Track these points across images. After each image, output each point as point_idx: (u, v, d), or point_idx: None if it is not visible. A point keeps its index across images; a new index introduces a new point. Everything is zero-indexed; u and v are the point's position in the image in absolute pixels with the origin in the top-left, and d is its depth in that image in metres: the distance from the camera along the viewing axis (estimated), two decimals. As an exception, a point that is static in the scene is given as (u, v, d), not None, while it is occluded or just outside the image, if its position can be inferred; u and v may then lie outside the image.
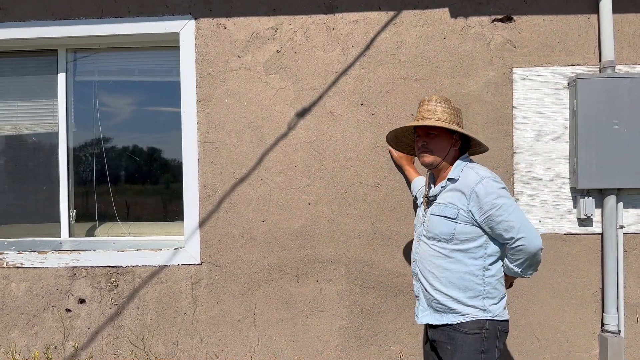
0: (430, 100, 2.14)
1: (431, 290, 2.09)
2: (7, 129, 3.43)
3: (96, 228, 3.45)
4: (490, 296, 2.03)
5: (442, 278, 2.05)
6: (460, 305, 2.02)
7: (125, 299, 3.11)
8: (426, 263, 2.12)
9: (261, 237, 3.08)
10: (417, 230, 2.23)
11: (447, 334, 2.05)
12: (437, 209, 2.09)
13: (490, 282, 2.03)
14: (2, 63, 3.41)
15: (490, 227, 1.99)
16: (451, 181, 2.07)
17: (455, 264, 2.03)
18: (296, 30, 3.06)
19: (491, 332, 2.00)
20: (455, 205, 2.01)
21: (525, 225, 1.96)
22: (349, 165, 3.05)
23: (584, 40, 2.97)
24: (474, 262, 2.02)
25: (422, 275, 2.14)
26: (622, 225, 2.92)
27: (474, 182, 1.98)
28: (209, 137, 3.09)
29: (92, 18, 3.12)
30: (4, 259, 3.13)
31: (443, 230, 2.03)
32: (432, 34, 3.02)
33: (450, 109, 2.11)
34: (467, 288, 2.02)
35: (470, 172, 2.03)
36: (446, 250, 2.04)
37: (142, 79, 3.41)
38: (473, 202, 1.98)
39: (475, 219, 1.99)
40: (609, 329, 2.91)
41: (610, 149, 2.84)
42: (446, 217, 2.03)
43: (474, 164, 2.11)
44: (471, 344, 1.98)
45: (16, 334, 3.14)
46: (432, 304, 2.11)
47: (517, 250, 1.98)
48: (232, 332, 3.10)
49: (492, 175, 2.01)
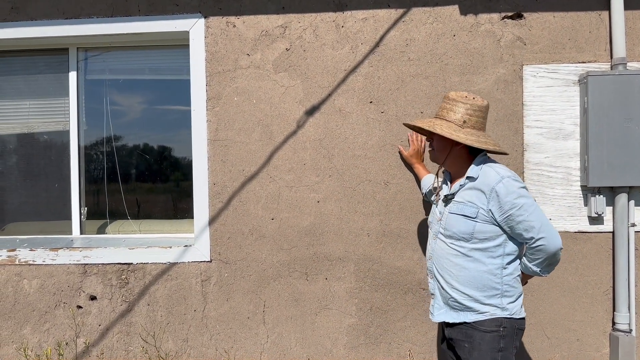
0: (449, 97, 2.13)
1: (448, 289, 2.09)
2: (19, 127, 3.47)
3: (107, 225, 3.48)
4: (508, 294, 2.03)
5: (460, 277, 2.05)
6: (478, 304, 2.02)
7: (135, 296, 3.14)
8: (443, 261, 2.11)
9: (270, 234, 3.09)
10: (433, 228, 2.22)
11: (465, 332, 2.05)
12: (455, 207, 2.07)
13: (508, 280, 2.03)
14: (14, 62, 3.44)
15: (509, 227, 1.98)
16: (470, 179, 2.06)
17: (474, 263, 2.03)
18: (305, 28, 3.07)
19: (508, 330, 2.00)
20: (475, 204, 2.00)
21: (545, 225, 1.96)
22: (358, 163, 3.05)
23: (595, 37, 2.95)
24: (492, 261, 2.02)
25: (439, 273, 2.14)
26: (634, 223, 2.89)
27: (494, 181, 1.97)
28: (218, 135, 3.10)
29: (102, 17, 3.14)
30: (16, 256, 3.17)
31: (462, 229, 2.03)
32: (441, 31, 3.01)
33: (466, 107, 2.08)
34: (485, 287, 2.01)
35: (490, 170, 2.01)
36: (465, 249, 2.04)
37: (153, 77, 3.43)
38: (493, 202, 1.97)
39: (494, 218, 1.98)
40: (620, 328, 2.89)
41: (622, 146, 2.82)
42: (465, 216, 2.02)
43: (494, 162, 2.10)
44: (489, 342, 1.98)
45: (28, 331, 3.17)
46: (449, 302, 2.10)
47: (537, 250, 1.98)
48: (242, 329, 3.11)
49: (513, 175, 2.00)
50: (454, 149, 2.11)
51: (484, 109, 2.11)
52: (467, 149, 2.12)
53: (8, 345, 3.18)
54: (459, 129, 2.06)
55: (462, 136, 2.03)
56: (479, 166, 2.06)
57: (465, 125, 2.07)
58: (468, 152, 2.12)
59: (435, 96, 3.00)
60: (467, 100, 2.08)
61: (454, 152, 2.12)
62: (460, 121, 2.07)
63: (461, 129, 2.06)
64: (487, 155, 2.17)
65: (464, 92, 2.12)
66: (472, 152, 2.12)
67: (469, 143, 2.01)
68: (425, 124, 2.12)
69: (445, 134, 2.03)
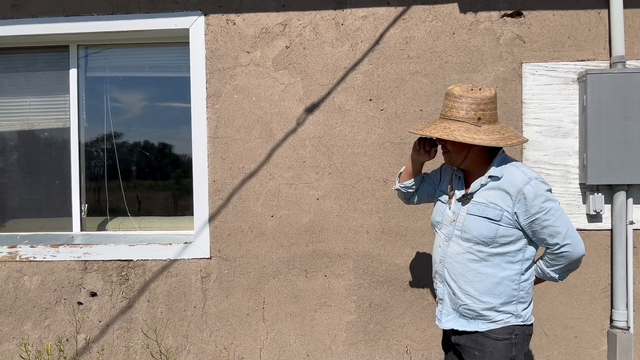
0: (454, 95, 1.92)
1: (461, 295, 1.95)
2: (20, 124, 3.48)
3: (107, 222, 3.49)
4: (523, 301, 1.93)
5: (476, 283, 1.91)
6: (493, 312, 1.91)
7: (136, 292, 3.15)
8: (458, 266, 1.96)
9: (270, 231, 3.10)
10: (445, 229, 2.03)
11: (475, 339, 1.94)
12: (476, 208, 1.91)
13: (524, 286, 1.93)
14: (15, 59, 3.45)
15: (533, 231, 1.87)
16: (493, 179, 1.90)
17: (492, 268, 1.90)
18: (305, 25, 3.07)
19: (520, 338, 1.92)
20: (499, 206, 1.86)
21: (571, 231, 1.85)
22: (358, 160, 3.06)
23: (594, 36, 2.96)
24: (511, 267, 1.90)
25: (452, 278, 1.98)
26: (632, 221, 2.90)
27: (521, 182, 1.84)
28: (218, 132, 3.11)
29: (103, 14, 3.15)
30: (17, 252, 3.18)
31: (484, 232, 1.88)
32: (441, 29, 3.01)
33: (471, 102, 1.89)
34: (502, 293, 1.90)
35: (516, 171, 1.88)
36: (483, 253, 1.90)
37: (153, 74, 3.44)
38: (520, 204, 1.84)
39: (519, 221, 1.86)
40: (618, 325, 2.91)
41: (620, 144, 2.82)
42: (488, 219, 1.88)
43: (518, 162, 1.95)
44: (501, 350, 1.89)
45: (29, 327, 3.19)
46: (460, 308, 1.97)
47: (560, 256, 1.89)
48: (242, 326, 3.13)
49: (539, 176, 1.87)
50: (472, 148, 1.93)
51: (494, 99, 1.93)
52: (484, 148, 1.95)
53: (9, 341, 3.19)
54: (477, 129, 1.87)
55: (484, 137, 1.85)
56: (502, 164, 1.92)
57: (480, 122, 1.89)
58: (486, 148, 1.95)
59: (435, 94, 3.01)
60: (475, 94, 1.90)
61: (472, 152, 1.94)
62: (475, 119, 1.89)
63: (479, 129, 1.88)
64: (504, 150, 2.01)
65: (467, 85, 1.95)
66: (489, 147, 1.95)
67: (495, 144, 1.85)
68: (440, 131, 1.90)
69: (467, 139, 1.84)
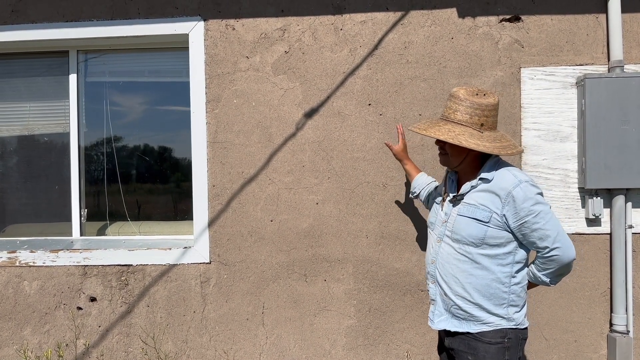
0: (459, 95, 1.94)
1: (452, 295, 1.98)
2: (20, 129, 3.48)
3: (107, 227, 3.49)
4: (514, 304, 1.94)
5: (467, 284, 1.93)
6: (484, 313, 1.93)
7: (135, 297, 3.15)
8: (448, 266, 1.98)
9: (269, 236, 3.10)
10: (437, 230, 2.07)
11: (468, 343, 1.95)
12: (465, 209, 1.94)
13: (515, 290, 1.94)
14: (15, 64, 3.46)
15: (523, 234, 1.88)
16: (484, 181, 1.92)
17: (482, 270, 1.91)
18: (304, 31, 3.08)
19: (513, 342, 1.92)
20: (488, 208, 1.88)
21: (561, 235, 1.86)
22: (357, 165, 3.07)
23: (593, 40, 2.97)
24: (501, 269, 1.91)
25: (443, 278, 2.01)
26: (631, 225, 2.91)
27: (511, 185, 1.85)
28: (217, 137, 3.12)
29: (102, 20, 3.16)
30: (17, 257, 3.18)
31: (472, 233, 1.90)
32: (439, 34, 3.02)
33: (476, 107, 1.91)
34: (492, 296, 1.91)
35: (507, 173, 1.89)
36: (472, 254, 1.92)
37: (152, 79, 3.45)
38: (509, 207, 1.85)
39: (508, 224, 1.87)
40: (617, 329, 2.91)
41: (619, 148, 2.83)
42: (477, 220, 1.89)
43: (510, 165, 1.97)
44: (494, 354, 1.90)
45: (28, 332, 3.19)
46: (452, 309, 1.99)
47: (550, 260, 1.90)
48: (241, 331, 3.12)
49: (530, 179, 1.88)
50: (470, 153, 1.96)
51: (497, 106, 1.96)
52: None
53: (8, 347, 3.19)
54: (480, 135, 1.91)
55: (487, 145, 1.89)
56: (493, 167, 1.94)
57: (483, 128, 1.92)
58: (481, 153, 1.98)
59: (434, 98, 3.02)
60: (480, 99, 1.92)
61: (470, 156, 1.97)
62: (478, 124, 1.92)
63: (482, 135, 1.91)
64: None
65: (473, 89, 1.95)
66: (484, 153, 1.97)
67: (497, 152, 1.88)
68: (445, 134, 1.92)
69: (472, 145, 1.87)
